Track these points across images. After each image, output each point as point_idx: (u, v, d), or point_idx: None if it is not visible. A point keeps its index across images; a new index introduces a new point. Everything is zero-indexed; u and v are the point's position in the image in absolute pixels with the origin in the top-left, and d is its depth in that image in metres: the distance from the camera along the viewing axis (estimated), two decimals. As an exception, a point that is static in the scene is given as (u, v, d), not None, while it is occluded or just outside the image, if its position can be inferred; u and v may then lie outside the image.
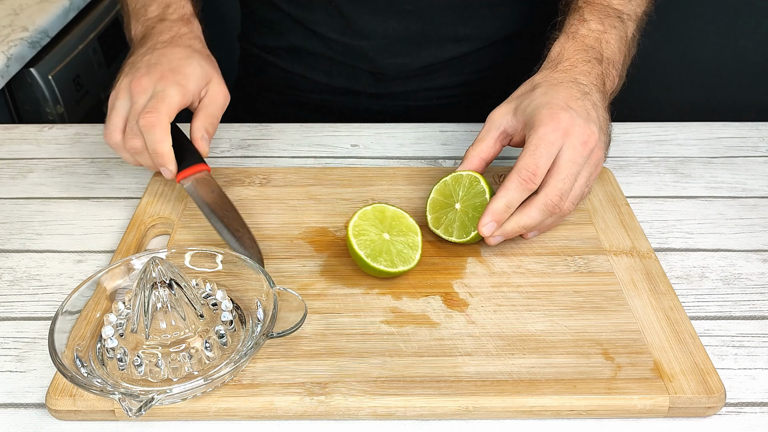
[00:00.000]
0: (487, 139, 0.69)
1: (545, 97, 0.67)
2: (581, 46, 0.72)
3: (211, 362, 0.55)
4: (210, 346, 0.55)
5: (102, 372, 0.54)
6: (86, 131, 0.91)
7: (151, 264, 0.55)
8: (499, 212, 0.64)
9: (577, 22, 0.74)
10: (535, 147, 0.64)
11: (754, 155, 0.86)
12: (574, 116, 0.65)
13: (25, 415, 0.55)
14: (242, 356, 0.53)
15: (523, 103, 0.68)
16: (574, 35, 0.73)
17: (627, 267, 0.66)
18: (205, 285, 0.60)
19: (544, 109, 0.65)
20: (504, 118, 0.69)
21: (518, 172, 0.63)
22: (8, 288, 0.66)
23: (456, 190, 0.69)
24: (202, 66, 0.73)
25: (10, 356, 0.59)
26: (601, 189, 0.76)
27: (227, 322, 0.57)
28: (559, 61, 0.71)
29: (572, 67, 0.71)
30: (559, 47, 0.73)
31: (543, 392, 0.54)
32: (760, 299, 0.65)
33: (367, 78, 0.95)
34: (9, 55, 1.11)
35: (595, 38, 0.73)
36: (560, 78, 0.69)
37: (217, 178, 0.78)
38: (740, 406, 0.56)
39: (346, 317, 0.61)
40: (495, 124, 0.69)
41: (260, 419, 0.54)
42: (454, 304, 0.62)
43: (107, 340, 0.55)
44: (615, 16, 0.76)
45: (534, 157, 0.63)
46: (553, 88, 0.68)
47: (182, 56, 0.73)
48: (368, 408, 0.54)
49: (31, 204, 0.77)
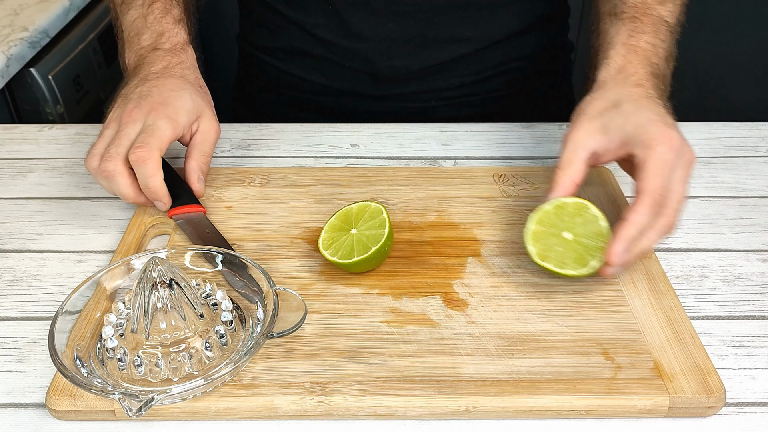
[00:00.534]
0: (576, 161, 0.65)
1: (644, 114, 0.65)
2: (644, 61, 0.71)
3: (211, 362, 0.55)
4: (210, 346, 0.55)
5: (102, 372, 0.54)
6: (86, 131, 0.91)
7: (151, 264, 0.55)
8: (633, 239, 0.60)
9: (636, 34, 0.72)
10: (660, 168, 0.61)
11: (754, 155, 0.86)
12: (677, 135, 0.63)
13: (25, 415, 0.55)
14: (242, 356, 0.53)
15: (616, 121, 0.65)
16: (635, 49, 0.71)
17: (627, 267, 0.66)
18: (205, 285, 0.60)
19: (653, 126, 0.63)
20: (592, 138, 0.66)
21: (650, 195, 0.61)
22: (8, 288, 0.66)
23: (562, 218, 0.64)
24: (193, 99, 0.73)
25: (10, 356, 0.59)
26: (601, 189, 0.76)
27: (227, 322, 0.57)
28: (626, 76, 0.69)
29: (643, 81, 0.69)
30: (621, 59, 0.71)
31: (543, 392, 0.54)
32: (760, 299, 0.65)
33: (366, 80, 0.95)
34: (9, 55, 1.11)
35: (653, 53, 0.72)
36: (639, 92, 0.67)
37: (217, 178, 0.78)
38: (740, 406, 0.56)
39: (346, 317, 0.61)
40: (582, 144, 0.66)
41: (260, 419, 0.54)
42: (454, 304, 0.62)
43: (107, 340, 0.55)
44: (666, 30, 0.75)
45: (661, 179, 0.61)
46: (642, 103, 0.66)
47: (174, 88, 0.72)
48: (368, 408, 0.54)
49: (31, 204, 0.77)
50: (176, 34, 0.79)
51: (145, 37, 0.79)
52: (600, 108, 0.67)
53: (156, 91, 0.71)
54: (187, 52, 0.79)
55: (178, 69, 0.76)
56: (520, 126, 0.90)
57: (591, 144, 0.66)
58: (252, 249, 0.68)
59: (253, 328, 0.58)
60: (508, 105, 0.99)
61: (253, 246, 0.69)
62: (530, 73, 0.99)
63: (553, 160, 0.85)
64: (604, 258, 0.60)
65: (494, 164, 0.83)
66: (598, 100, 0.68)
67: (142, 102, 0.70)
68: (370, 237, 0.64)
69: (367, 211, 0.66)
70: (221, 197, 0.75)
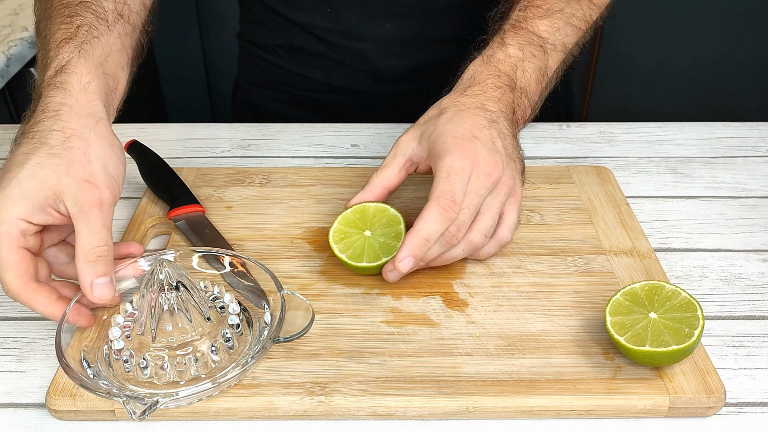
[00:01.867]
0: (392, 166, 0.66)
1: (450, 125, 0.63)
2: (494, 71, 0.68)
3: (216, 365, 0.55)
4: (216, 349, 0.55)
5: (108, 373, 0.54)
6: (86, 131, 0.91)
7: (159, 266, 0.55)
8: (417, 246, 0.58)
9: (497, 45, 0.70)
10: (447, 174, 0.60)
11: (754, 155, 0.86)
12: (478, 146, 0.62)
13: (25, 415, 0.55)
14: (249, 360, 0.53)
15: (428, 130, 0.65)
16: (489, 59, 0.69)
17: (627, 267, 0.66)
18: (213, 288, 0.59)
19: (449, 137, 0.62)
20: (409, 145, 0.66)
21: (436, 200, 0.59)
22: (8, 288, 0.66)
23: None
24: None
25: (10, 356, 0.59)
26: (601, 189, 0.76)
27: (234, 326, 0.57)
28: (470, 85, 0.68)
29: (482, 92, 0.67)
30: (472, 70, 0.69)
31: (543, 392, 0.54)
32: (760, 299, 0.65)
33: (365, 78, 0.95)
34: (9, 55, 1.11)
35: (511, 65, 0.69)
36: (468, 103, 0.66)
37: (217, 178, 0.78)
38: (740, 406, 0.56)
39: (346, 317, 0.61)
40: (401, 150, 0.66)
41: (260, 419, 0.54)
42: (454, 304, 0.62)
43: (114, 342, 0.55)
44: (537, 45, 0.72)
45: (449, 183, 0.59)
46: (459, 115, 0.64)
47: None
48: (368, 408, 0.54)
49: (31, 204, 0.77)
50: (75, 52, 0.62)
51: (50, 64, 0.62)
52: (428, 116, 0.67)
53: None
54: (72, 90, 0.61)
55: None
56: (520, 126, 0.90)
57: (407, 150, 0.66)
58: (252, 249, 0.68)
59: (260, 331, 0.57)
60: None
61: (253, 246, 0.69)
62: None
63: (554, 160, 0.85)
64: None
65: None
66: (433, 108, 0.68)
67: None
68: (382, 246, 0.64)
69: (385, 216, 0.65)
70: (221, 197, 0.75)
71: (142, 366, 0.54)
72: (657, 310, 0.56)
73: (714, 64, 2.02)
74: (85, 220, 0.54)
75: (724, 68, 2.03)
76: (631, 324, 0.55)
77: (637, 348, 0.54)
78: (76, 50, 0.60)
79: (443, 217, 0.59)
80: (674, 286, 0.57)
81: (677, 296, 0.56)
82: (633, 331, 0.55)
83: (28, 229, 0.54)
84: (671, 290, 0.57)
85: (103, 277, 0.54)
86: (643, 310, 0.56)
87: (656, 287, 0.57)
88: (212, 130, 0.91)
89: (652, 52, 2.00)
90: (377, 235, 0.65)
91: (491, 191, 0.62)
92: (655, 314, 0.56)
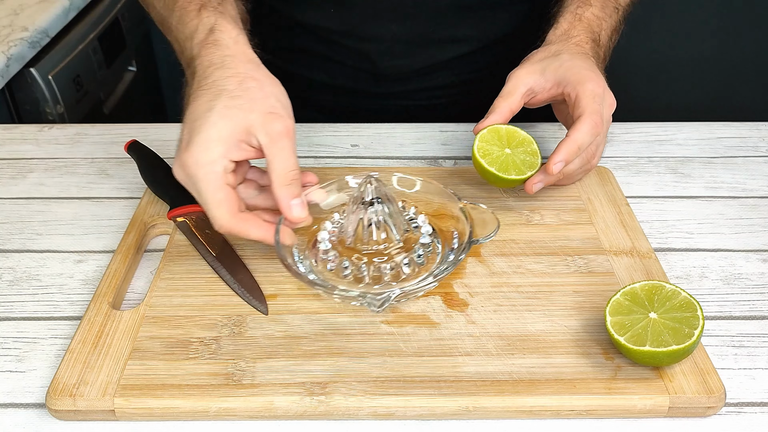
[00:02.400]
0: (515, 94, 0.72)
1: (576, 61, 0.72)
2: (587, 28, 0.78)
3: (406, 276, 0.62)
4: (409, 262, 0.62)
5: (315, 270, 0.62)
6: (86, 131, 0.91)
7: (367, 181, 0.62)
8: (572, 153, 0.68)
9: (583, 5, 0.79)
10: (593, 96, 0.69)
11: (754, 155, 0.86)
12: (603, 80, 0.71)
13: (25, 415, 0.55)
14: (457, 257, 0.61)
15: (552, 65, 0.72)
16: (581, 17, 0.78)
17: (627, 267, 0.66)
18: (409, 209, 0.67)
19: (582, 69, 0.71)
20: (531, 77, 0.73)
21: (590, 116, 0.68)
22: (8, 288, 0.66)
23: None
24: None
25: (10, 356, 0.59)
26: (601, 189, 0.76)
27: (426, 245, 0.64)
28: (569, 37, 0.76)
29: (583, 43, 0.76)
30: (567, 24, 0.78)
31: (543, 392, 0.54)
32: (760, 299, 0.65)
33: (368, 78, 0.95)
34: (9, 55, 1.11)
35: (597, 24, 0.79)
36: (577, 50, 0.74)
37: (217, 178, 0.78)
38: (740, 406, 0.56)
39: (346, 317, 0.61)
40: (522, 80, 0.73)
41: (260, 419, 0.54)
42: (454, 304, 0.62)
43: (321, 243, 0.64)
44: (613, 6, 0.82)
45: (596, 104, 0.68)
46: (578, 56, 0.73)
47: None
48: (368, 408, 0.54)
49: (31, 204, 0.77)
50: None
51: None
52: (541, 56, 0.75)
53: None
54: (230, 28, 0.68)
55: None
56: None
57: (529, 81, 0.73)
58: (252, 249, 0.68)
59: (446, 254, 0.64)
60: None
61: (253, 246, 0.69)
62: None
63: (553, 160, 0.85)
64: (544, 168, 0.69)
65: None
66: (541, 51, 0.76)
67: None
68: (524, 161, 0.71)
69: (518, 136, 0.72)
70: (221, 197, 0.75)
71: (344, 266, 0.62)
72: (657, 310, 0.56)
73: (714, 64, 2.02)
74: (277, 149, 0.60)
75: (724, 68, 2.03)
76: (631, 324, 0.55)
77: (637, 348, 0.54)
78: (215, 12, 0.66)
79: (594, 131, 0.68)
80: (674, 286, 0.57)
81: (677, 296, 0.56)
82: (633, 331, 0.55)
83: (228, 167, 0.60)
84: (671, 290, 0.57)
85: (297, 198, 0.60)
86: (643, 310, 0.56)
87: (656, 287, 0.57)
88: (212, 130, 0.91)
89: (652, 51, 2.00)
90: (517, 152, 0.71)
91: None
92: (655, 314, 0.56)
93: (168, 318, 0.60)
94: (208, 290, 0.63)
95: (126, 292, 0.65)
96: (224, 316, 0.61)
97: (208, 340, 0.58)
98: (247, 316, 0.61)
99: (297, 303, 0.62)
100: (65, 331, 0.61)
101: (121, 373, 0.55)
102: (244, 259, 0.67)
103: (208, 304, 0.62)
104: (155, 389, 0.54)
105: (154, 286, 0.63)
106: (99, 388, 0.54)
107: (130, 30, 1.57)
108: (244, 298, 0.62)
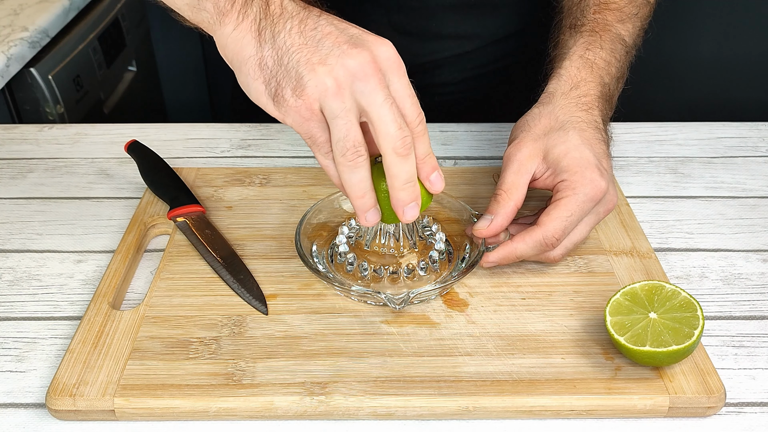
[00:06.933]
0: (521, 186, 0.64)
1: (584, 153, 0.63)
2: (598, 80, 0.69)
3: (420, 280, 0.63)
4: (425, 267, 0.64)
5: (333, 271, 0.64)
6: (86, 131, 0.91)
7: None
8: (508, 260, 0.63)
9: (593, 48, 0.70)
10: (570, 214, 0.61)
11: (754, 155, 0.86)
12: (606, 181, 0.63)
13: (25, 415, 0.55)
14: (474, 260, 0.63)
15: (557, 149, 0.64)
16: (590, 64, 0.69)
17: (627, 267, 0.66)
18: (423, 218, 0.68)
19: (585, 169, 0.62)
20: (533, 162, 0.65)
21: (544, 233, 0.61)
22: (8, 288, 0.66)
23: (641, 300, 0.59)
24: None
25: (10, 356, 0.59)
26: (601, 189, 0.76)
27: (440, 251, 0.65)
28: (578, 94, 0.68)
29: (592, 105, 0.67)
30: (575, 73, 0.69)
31: (543, 392, 0.54)
32: (760, 299, 0.65)
33: None
34: (9, 55, 1.11)
35: (606, 72, 0.70)
36: (585, 119, 0.66)
37: (217, 178, 0.78)
38: (740, 406, 0.56)
39: (346, 317, 0.61)
40: (526, 168, 0.64)
41: (260, 419, 0.54)
42: (454, 304, 0.62)
43: (340, 246, 0.65)
44: (623, 49, 0.73)
45: (566, 223, 0.61)
46: (586, 138, 0.64)
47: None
48: (368, 408, 0.54)
49: (31, 204, 0.77)
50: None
51: None
52: (545, 127, 0.66)
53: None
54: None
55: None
56: (520, 126, 0.90)
57: (533, 168, 0.65)
58: (252, 249, 0.68)
59: (458, 264, 0.65)
60: (509, 100, 0.99)
61: (253, 246, 0.69)
62: (531, 71, 0.99)
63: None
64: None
65: (494, 164, 0.83)
66: (545, 117, 0.66)
67: None
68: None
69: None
70: (221, 197, 0.75)
71: (363, 268, 0.63)
72: (657, 310, 0.56)
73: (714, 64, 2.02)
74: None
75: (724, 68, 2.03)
76: (631, 324, 0.55)
77: (637, 348, 0.54)
78: None
79: (542, 250, 0.62)
80: (674, 286, 0.57)
81: (677, 296, 0.56)
82: (633, 331, 0.55)
83: None
84: (671, 290, 0.57)
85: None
86: (643, 310, 0.56)
87: (656, 287, 0.57)
88: (212, 130, 0.91)
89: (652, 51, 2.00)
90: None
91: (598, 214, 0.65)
92: (655, 314, 0.56)
93: (168, 318, 0.60)
94: (208, 290, 0.63)
95: (126, 292, 0.65)
96: (224, 316, 0.61)
97: (208, 340, 0.58)
98: (247, 316, 0.61)
99: (297, 303, 0.62)
100: (65, 331, 0.61)
101: (121, 373, 0.55)
102: (244, 259, 0.67)
103: (208, 304, 0.62)
104: (155, 389, 0.54)
105: (154, 286, 0.64)
106: (99, 388, 0.54)
107: (130, 30, 1.57)
108: (244, 298, 0.62)
